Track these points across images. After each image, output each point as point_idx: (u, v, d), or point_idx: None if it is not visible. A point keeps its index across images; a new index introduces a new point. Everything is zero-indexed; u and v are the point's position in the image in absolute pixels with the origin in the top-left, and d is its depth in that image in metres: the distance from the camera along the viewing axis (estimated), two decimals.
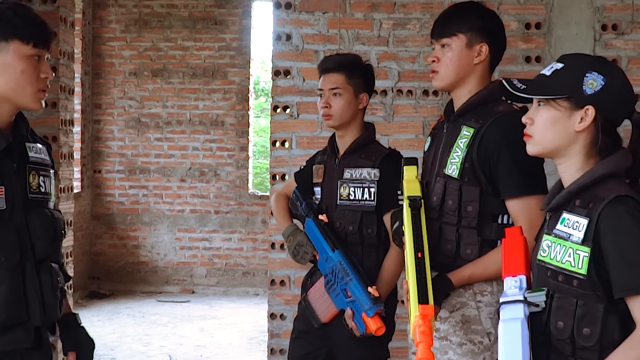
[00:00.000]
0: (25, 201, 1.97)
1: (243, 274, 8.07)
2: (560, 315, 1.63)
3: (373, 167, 2.65)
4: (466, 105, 2.25)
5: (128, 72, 8.08)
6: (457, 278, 2.16)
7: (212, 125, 8.05)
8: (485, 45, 2.24)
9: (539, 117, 1.72)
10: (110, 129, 8.12)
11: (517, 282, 1.74)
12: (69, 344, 2.14)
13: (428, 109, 3.96)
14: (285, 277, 3.97)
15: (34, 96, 1.98)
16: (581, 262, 1.60)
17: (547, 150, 1.74)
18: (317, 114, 3.90)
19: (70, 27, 4.04)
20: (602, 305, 1.58)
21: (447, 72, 2.25)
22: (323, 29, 3.95)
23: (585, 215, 1.61)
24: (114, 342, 5.98)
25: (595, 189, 1.64)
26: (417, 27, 3.94)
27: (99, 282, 8.03)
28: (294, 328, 2.89)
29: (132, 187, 8.13)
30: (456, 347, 2.19)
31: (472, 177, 2.17)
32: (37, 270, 1.97)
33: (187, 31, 8.00)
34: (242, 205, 8.05)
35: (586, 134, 1.68)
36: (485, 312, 2.18)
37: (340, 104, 2.68)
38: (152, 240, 8.11)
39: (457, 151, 2.20)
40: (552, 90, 1.69)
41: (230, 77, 8.03)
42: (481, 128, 2.17)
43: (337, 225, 2.67)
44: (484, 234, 2.18)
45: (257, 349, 5.80)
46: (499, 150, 2.13)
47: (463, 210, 2.18)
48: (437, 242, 2.21)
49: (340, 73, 2.70)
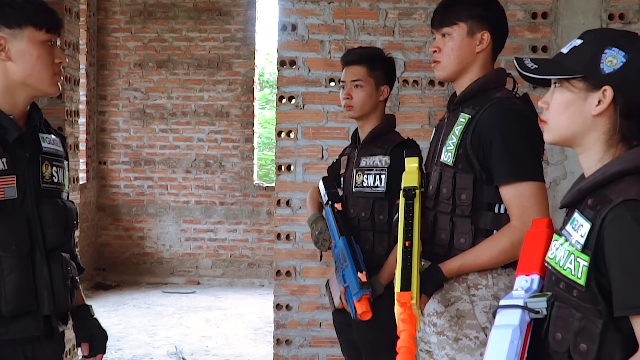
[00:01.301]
0: (38, 191, 1.98)
1: (248, 265, 8.09)
2: (559, 326, 1.45)
3: (384, 154, 2.73)
4: (465, 93, 2.22)
5: (133, 64, 8.07)
6: (447, 268, 2.13)
7: (217, 116, 8.05)
8: (486, 33, 2.21)
9: (553, 100, 1.52)
10: (115, 120, 8.13)
11: (528, 282, 1.58)
12: (81, 335, 2.15)
13: (434, 99, 3.94)
14: (291, 267, 3.97)
15: (50, 80, 2.00)
16: (580, 272, 1.40)
17: (562, 138, 1.53)
18: (322, 104, 3.90)
19: (75, 18, 4.03)
20: (601, 321, 1.37)
21: (449, 62, 2.22)
22: (328, 19, 3.93)
23: (590, 218, 1.41)
24: (120, 332, 6.00)
25: (607, 188, 1.43)
26: (423, 17, 3.92)
27: (105, 274, 8.06)
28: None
29: (138, 178, 8.14)
30: (452, 343, 2.15)
31: (465, 164, 2.13)
32: (48, 259, 1.98)
33: (191, 22, 7.99)
34: (247, 197, 8.06)
35: (605, 118, 1.46)
36: (479, 306, 2.13)
37: (362, 96, 2.79)
38: (158, 231, 8.12)
39: (453, 138, 2.17)
40: (566, 69, 1.50)
41: (235, 68, 8.02)
42: (476, 114, 2.14)
43: (351, 212, 2.77)
44: (478, 223, 2.14)
45: (263, 340, 5.81)
46: (492, 135, 2.09)
47: (457, 198, 2.14)
48: (432, 231, 2.20)
49: (362, 65, 2.81)
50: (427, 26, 3.90)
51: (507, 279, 2.14)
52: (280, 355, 3.98)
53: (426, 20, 3.89)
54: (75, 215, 2.13)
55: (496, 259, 2.09)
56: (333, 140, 3.93)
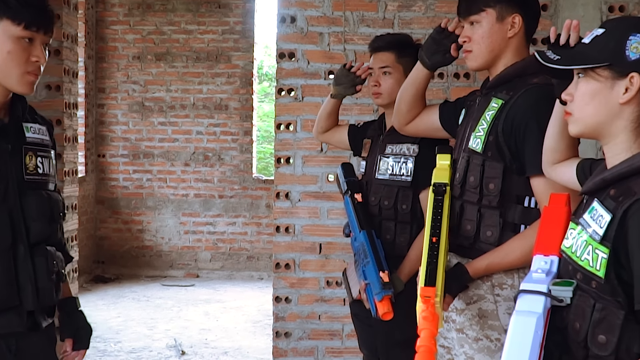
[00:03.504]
0: (21, 183, 1.92)
1: (247, 258, 8.09)
2: (577, 314, 1.42)
3: (413, 142, 2.62)
4: (499, 77, 2.10)
5: (131, 56, 8.05)
6: (473, 268, 2.02)
7: (215, 109, 8.04)
8: (517, 15, 2.09)
9: (577, 91, 1.49)
10: (114, 113, 8.11)
11: (547, 263, 1.52)
12: (66, 330, 2.11)
13: (433, 92, 3.93)
14: (290, 260, 3.97)
15: (20, 78, 1.91)
16: (599, 264, 1.37)
17: (589, 129, 1.49)
18: (321, 96, 3.89)
19: (74, 10, 4.02)
20: (622, 312, 1.33)
21: (480, 51, 2.11)
22: (328, 11, 3.92)
23: (611, 210, 1.37)
24: (119, 325, 6.00)
25: (631, 180, 1.38)
26: (423, 9, 3.91)
27: (104, 267, 8.06)
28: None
29: (136, 171, 8.13)
30: (472, 342, 2.06)
31: (495, 152, 2.01)
32: (32, 253, 1.93)
33: (190, 14, 7.97)
34: (246, 190, 8.05)
35: (633, 106, 1.43)
36: (503, 306, 2.02)
37: (390, 83, 2.71)
38: (157, 224, 8.12)
39: (483, 124, 2.05)
40: (591, 58, 1.45)
41: (234, 61, 8.01)
42: (510, 99, 2.02)
43: (372, 199, 2.68)
44: (506, 216, 2.02)
45: (262, 332, 5.82)
46: (526, 123, 1.97)
47: (485, 187, 2.02)
48: (457, 222, 2.09)
49: (391, 52, 2.72)
50: (426, 18, 3.89)
51: None
52: (279, 348, 3.98)
53: (426, 13, 3.88)
54: (62, 207, 2.07)
55: (526, 257, 1.90)
56: None
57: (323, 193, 3.94)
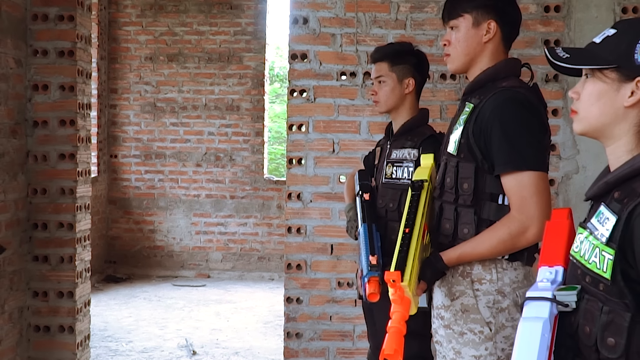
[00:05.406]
0: None
1: (258, 259, 8.10)
2: (587, 318, 1.43)
3: (414, 147, 2.80)
4: (473, 83, 2.23)
5: (144, 57, 8.08)
6: (447, 256, 2.13)
7: (227, 110, 8.06)
8: (492, 22, 2.20)
9: (584, 90, 1.49)
10: (126, 114, 8.15)
11: (552, 274, 1.54)
12: None
13: (445, 92, 3.93)
14: (302, 261, 3.97)
15: None
16: (606, 265, 1.38)
17: (592, 129, 1.50)
18: (333, 97, 3.90)
19: (87, 11, 4.04)
20: (629, 314, 1.34)
21: (457, 54, 2.24)
22: (340, 12, 3.93)
23: (616, 211, 1.38)
24: (130, 325, 6.03)
25: (635, 181, 1.39)
26: (435, 10, 3.91)
27: (116, 266, 8.09)
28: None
29: (148, 171, 8.16)
30: (458, 336, 2.17)
31: (467, 153, 2.14)
32: None
33: (202, 16, 7.99)
34: (257, 190, 8.07)
35: (637, 110, 1.43)
36: (483, 300, 2.13)
37: (385, 91, 2.89)
38: (168, 224, 8.15)
39: (458, 128, 2.18)
40: (599, 59, 1.45)
41: (245, 62, 8.02)
42: (479, 103, 2.14)
43: (379, 202, 2.84)
44: (481, 214, 2.13)
45: (273, 333, 5.83)
46: (492, 124, 2.09)
47: (460, 187, 2.15)
48: (437, 221, 2.22)
49: (384, 62, 2.91)
50: (438, 20, 3.88)
51: (513, 273, 2.13)
52: (290, 349, 3.99)
53: (437, 14, 3.87)
54: None
55: (495, 249, 2.09)
56: (344, 133, 3.92)
57: (335, 194, 3.95)
